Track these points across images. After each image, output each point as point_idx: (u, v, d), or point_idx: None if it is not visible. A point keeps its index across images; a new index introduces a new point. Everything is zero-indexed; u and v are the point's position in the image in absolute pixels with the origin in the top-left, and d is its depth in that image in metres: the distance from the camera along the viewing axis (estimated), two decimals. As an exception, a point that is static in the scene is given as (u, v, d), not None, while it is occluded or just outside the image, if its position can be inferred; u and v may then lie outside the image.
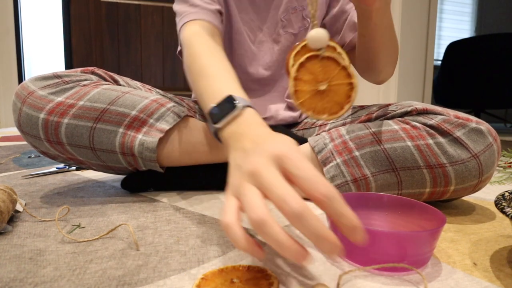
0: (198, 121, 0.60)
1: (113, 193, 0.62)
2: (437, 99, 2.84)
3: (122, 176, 0.65)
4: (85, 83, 0.56)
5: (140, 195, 0.61)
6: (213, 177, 0.63)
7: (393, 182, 0.51)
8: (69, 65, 2.37)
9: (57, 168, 0.82)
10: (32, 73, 2.43)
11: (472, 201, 0.61)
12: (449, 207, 0.56)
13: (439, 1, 3.05)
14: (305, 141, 0.58)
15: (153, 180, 0.62)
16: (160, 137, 0.54)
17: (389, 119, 0.55)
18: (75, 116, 0.52)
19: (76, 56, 2.37)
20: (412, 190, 0.51)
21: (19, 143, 1.39)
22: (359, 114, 0.60)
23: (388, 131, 0.51)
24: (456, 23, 3.73)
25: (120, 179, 0.72)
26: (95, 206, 0.54)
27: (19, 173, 0.79)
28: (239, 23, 0.71)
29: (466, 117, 0.50)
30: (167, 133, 0.56)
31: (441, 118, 0.50)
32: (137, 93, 0.57)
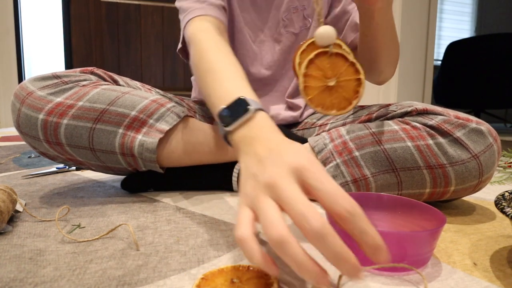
0: (198, 121, 0.60)
1: (113, 193, 0.62)
2: (437, 99, 2.84)
3: (122, 176, 0.65)
4: (84, 83, 0.56)
5: (140, 195, 0.61)
6: (213, 177, 0.63)
7: (393, 182, 0.51)
8: (69, 65, 2.37)
9: (57, 168, 0.82)
10: (32, 73, 2.43)
11: (472, 201, 0.61)
12: (449, 207, 0.56)
13: (439, 1, 3.05)
14: (305, 141, 0.58)
15: (153, 180, 0.62)
16: (160, 138, 0.54)
17: (389, 119, 0.55)
18: (75, 116, 0.52)
19: (76, 56, 2.37)
20: (412, 190, 0.51)
21: (19, 143, 1.39)
22: (359, 114, 0.60)
23: (388, 131, 0.51)
24: (456, 23, 3.73)
25: (120, 179, 0.72)
26: (95, 206, 0.54)
27: (19, 173, 0.79)
28: (241, 22, 0.71)
29: (466, 118, 0.50)
30: (167, 134, 0.56)
31: (441, 118, 0.50)
32: (137, 93, 0.57)
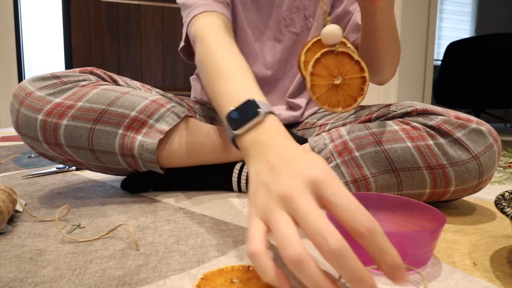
0: (198, 122, 0.59)
1: (113, 193, 0.62)
2: (437, 99, 2.84)
3: (122, 176, 0.65)
4: (83, 83, 0.56)
5: (140, 195, 0.61)
6: (213, 177, 0.63)
7: (393, 182, 0.51)
8: (69, 65, 2.37)
9: (57, 168, 0.82)
10: (32, 73, 2.43)
11: (472, 201, 0.61)
12: (449, 207, 0.56)
13: (439, 1, 3.05)
14: (305, 141, 0.58)
15: (153, 180, 0.62)
16: (160, 138, 0.54)
17: (389, 119, 0.55)
18: (74, 117, 0.52)
19: (76, 56, 2.37)
20: (412, 191, 0.51)
21: (19, 143, 1.39)
22: (359, 114, 0.60)
23: (388, 131, 0.51)
24: (456, 23, 3.73)
25: (120, 179, 0.72)
26: (95, 206, 0.54)
27: (19, 173, 0.79)
28: (244, 22, 0.71)
29: (466, 118, 0.49)
30: (167, 134, 0.56)
31: (442, 118, 0.50)
32: (137, 93, 0.57)
